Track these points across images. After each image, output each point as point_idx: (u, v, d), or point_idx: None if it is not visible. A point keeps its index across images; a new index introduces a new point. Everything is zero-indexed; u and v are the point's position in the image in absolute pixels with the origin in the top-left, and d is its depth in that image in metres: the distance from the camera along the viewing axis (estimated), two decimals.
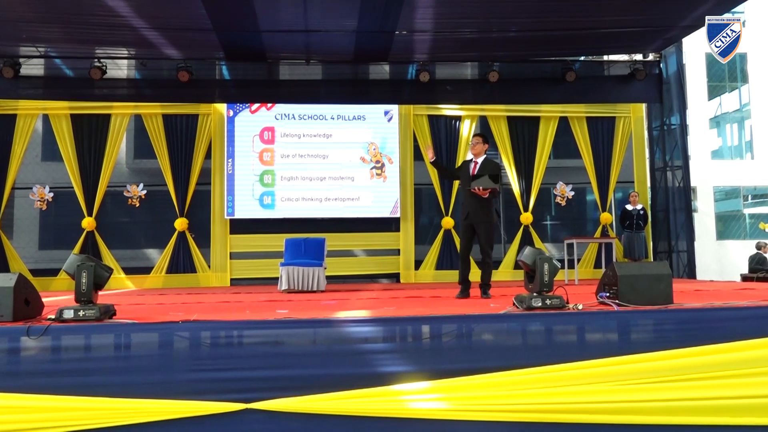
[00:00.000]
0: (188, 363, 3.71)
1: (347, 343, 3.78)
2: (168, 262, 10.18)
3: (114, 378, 3.54)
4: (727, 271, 15.44)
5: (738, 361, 3.83)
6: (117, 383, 3.51)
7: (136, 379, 3.58)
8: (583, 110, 10.96)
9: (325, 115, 10.52)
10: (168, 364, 3.68)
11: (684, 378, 3.79)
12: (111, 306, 4.00)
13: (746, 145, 19.69)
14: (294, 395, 3.59)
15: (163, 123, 10.33)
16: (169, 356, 3.75)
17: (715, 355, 3.83)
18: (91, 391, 3.44)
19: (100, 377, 3.53)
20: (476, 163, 6.08)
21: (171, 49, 9.42)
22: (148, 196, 10.40)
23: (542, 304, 4.13)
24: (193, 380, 3.63)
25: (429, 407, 3.66)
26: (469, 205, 6.04)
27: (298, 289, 7.60)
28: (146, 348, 3.76)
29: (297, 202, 10.35)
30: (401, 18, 8.35)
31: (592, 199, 11.19)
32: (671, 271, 10.16)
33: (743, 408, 3.74)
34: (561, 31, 8.85)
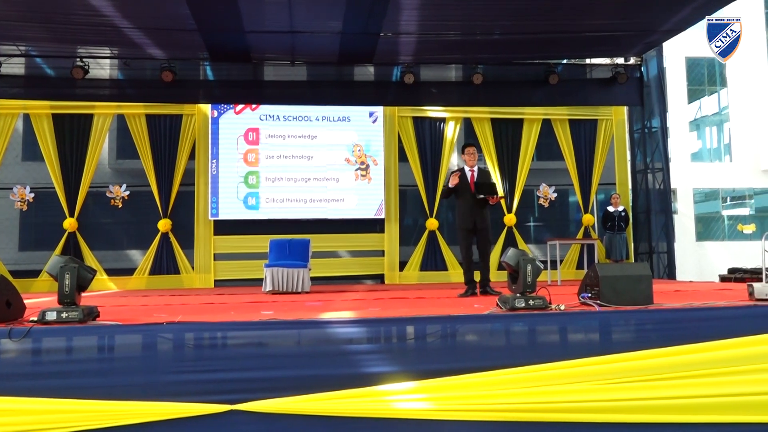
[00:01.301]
0: (173, 364, 3.70)
1: (332, 344, 3.80)
2: (151, 264, 10.10)
3: (98, 380, 3.52)
4: (706, 271, 15.67)
5: (715, 360, 3.91)
6: (101, 385, 3.49)
7: (120, 381, 3.56)
8: (566, 113, 11.08)
9: (310, 116, 10.52)
10: (153, 366, 3.66)
11: (663, 377, 3.86)
12: (94, 308, 3.98)
13: (725, 147, 20.00)
14: (279, 396, 3.59)
15: (146, 123, 10.26)
16: (153, 358, 3.73)
17: (693, 355, 3.91)
18: (74, 394, 3.42)
19: (84, 379, 3.51)
20: (472, 171, 6.35)
21: (155, 49, 9.36)
22: (131, 196, 10.31)
23: (525, 304, 4.18)
24: (178, 382, 3.62)
25: (414, 407, 3.68)
26: (475, 212, 6.31)
27: (282, 290, 7.59)
28: (130, 350, 3.74)
29: (282, 203, 10.33)
30: (386, 20, 8.38)
31: (575, 201, 11.31)
32: (652, 271, 10.33)
33: (721, 406, 3.82)
34: (544, 34, 8.94)
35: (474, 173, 6.33)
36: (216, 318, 4.17)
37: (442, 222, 10.85)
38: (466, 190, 6.29)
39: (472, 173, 6.32)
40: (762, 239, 7.81)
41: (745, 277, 10.29)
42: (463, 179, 6.30)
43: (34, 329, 3.55)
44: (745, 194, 19.57)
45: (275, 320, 3.94)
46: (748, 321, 4.09)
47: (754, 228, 18.98)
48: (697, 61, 19.39)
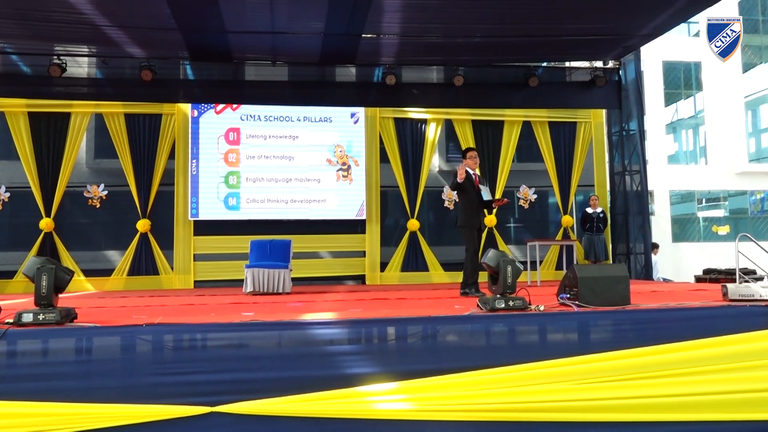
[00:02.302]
0: (152, 367, 3.67)
1: (313, 345, 3.80)
2: (129, 264, 9.98)
3: (76, 383, 3.49)
4: (682, 272, 15.95)
5: (690, 360, 3.98)
6: (79, 388, 3.46)
7: (98, 383, 3.52)
8: (546, 115, 11.19)
9: (291, 116, 10.48)
10: (131, 368, 3.63)
11: (640, 376, 3.92)
12: (72, 309, 3.93)
13: (700, 150, 20.38)
14: (259, 398, 3.58)
15: (125, 122, 10.14)
16: (132, 360, 3.70)
17: (668, 354, 3.98)
18: (51, 397, 3.38)
19: (61, 382, 3.47)
20: (476, 175, 6.56)
21: (134, 48, 9.25)
22: (110, 196, 10.18)
23: (505, 305, 4.22)
24: (157, 384, 3.59)
25: (395, 408, 3.69)
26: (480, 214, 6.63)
27: (263, 291, 7.55)
28: (109, 352, 3.71)
29: (262, 203, 10.28)
30: (368, 21, 8.39)
31: (554, 202, 11.42)
32: (629, 272, 10.47)
33: (695, 404, 3.88)
34: (524, 37, 9.02)
35: (477, 177, 6.55)
36: (196, 319, 4.15)
37: (423, 223, 10.89)
38: (472, 192, 6.45)
39: (475, 177, 6.50)
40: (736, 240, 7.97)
41: (719, 278, 10.47)
42: (469, 181, 6.45)
43: (10, 331, 3.50)
44: (719, 196, 19.95)
45: (255, 321, 3.93)
46: (722, 321, 4.18)
47: (728, 229, 19.36)
48: (674, 65, 19.73)
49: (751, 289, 4.61)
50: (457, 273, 10.69)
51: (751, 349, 4.09)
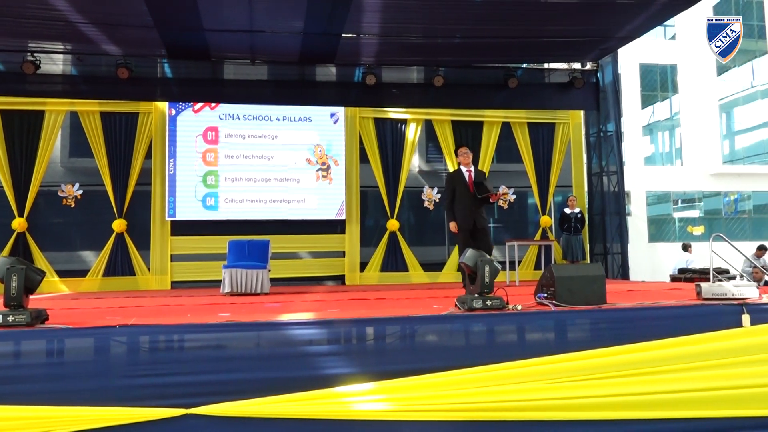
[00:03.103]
0: (125, 368, 3.61)
1: (290, 345, 3.77)
2: (105, 265, 9.82)
3: (47, 385, 3.42)
4: (658, 271, 16.15)
5: (664, 358, 4.03)
6: (50, 391, 3.39)
7: (70, 386, 3.46)
8: (525, 116, 11.27)
9: (271, 116, 10.41)
10: (104, 370, 3.57)
11: (616, 375, 3.96)
12: (43, 311, 3.85)
13: (676, 152, 20.69)
14: (236, 399, 3.54)
15: (100, 121, 9.97)
16: (105, 362, 3.63)
17: (644, 353, 4.02)
18: (22, 400, 3.31)
19: (32, 385, 3.40)
20: (470, 172, 6.39)
21: (110, 45, 9.12)
22: (85, 196, 10.02)
23: (483, 305, 4.23)
24: (131, 386, 3.54)
25: (373, 408, 3.68)
26: (475, 212, 6.31)
27: (241, 291, 7.49)
28: (81, 354, 3.64)
29: (241, 203, 10.20)
30: (348, 21, 8.38)
31: (533, 203, 11.51)
32: (606, 272, 10.58)
33: (670, 402, 3.93)
34: (503, 38, 9.08)
35: (471, 173, 6.36)
36: (171, 320, 4.09)
37: (402, 223, 10.89)
38: (464, 191, 6.30)
39: (469, 173, 6.36)
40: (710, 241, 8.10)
41: (694, 277, 10.63)
42: (460, 180, 6.34)
43: None
44: (694, 197, 20.27)
45: (231, 322, 3.88)
46: (696, 320, 4.23)
47: (703, 229, 19.69)
48: (651, 68, 20.02)
49: (723, 288, 4.68)
50: (436, 273, 10.79)
51: (723, 347, 4.15)
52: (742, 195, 20.46)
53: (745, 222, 20.28)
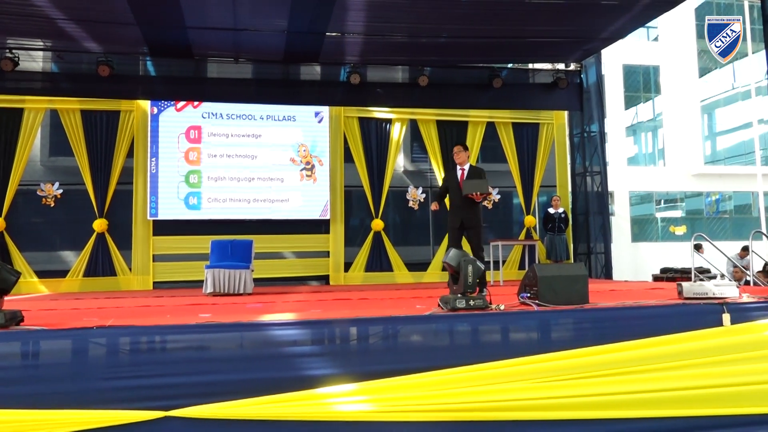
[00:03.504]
0: (103, 370, 3.55)
1: (271, 346, 3.73)
2: (86, 265, 9.68)
3: (22, 388, 3.35)
4: (641, 271, 16.30)
5: (646, 358, 4.04)
6: (25, 394, 3.32)
7: (46, 389, 3.40)
8: (509, 116, 11.30)
9: (254, 114, 10.34)
10: (81, 373, 3.51)
11: (598, 374, 3.96)
12: (18, 312, 3.77)
13: (659, 152, 20.89)
14: (215, 401, 3.50)
15: (81, 119, 9.84)
16: (82, 364, 3.57)
17: (625, 352, 4.03)
18: None
19: (6, 388, 3.33)
20: (463, 170, 6.35)
21: (91, 42, 8.99)
22: (65, 195, 9.87)
23: (466, 305, 4.22)
24: (109, 388, 3.49)
25: (355, 409, 3.65)
26: (462, 211, 6.24)
27: (224, 292, 7.42)
28: (57, 356, 3.57)
29: (224, 203, 10.11)
30: (332, 20, 8.34)
31: (518, 203, 11.54)
32: (589, 271, 10.64)
33: (652, 401, 3.95)
34: (488, 38, 9.08)
35: (464, 171, 6.34)
36: (150, 321, 4.03)
37: (387, 223, 10.87)
38: (456, 189, 6.31)
39: (462, 172, 6.34)
40: (691, 241, 8.19)
41: (675, 277, 10.76)
42: (453, 178, 6.35)
43: None
44: (677, 197, 20.48)
45: (211, 323, 3.83)
46: (677, 319, 4.26)
47: (685, 229, 19.90)
48: (634, 69, 20.18)
49: (704, 288, 4.72)
50: (421, 273, 10.78)
51: (703, 347, 4.18)
52: (724, 195, 20.71)
53: (726, 222, 20.53)
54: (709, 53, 20.92)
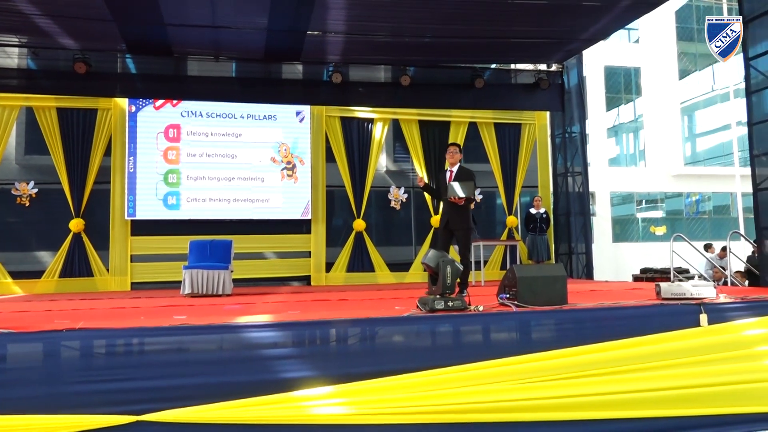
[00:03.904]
0: (72, 374, 3.48)
1: (246, 348, 3.67)
2: (62, 266, 9.50)
3: None
4: (622, 271, 16.41)
5: (624, 358, 4.04)
6: None
7: (13, 393, 3.32)
8: (491, 116, 11.31)
9: (234, 113, 10.22)
10: (50, 377, 3.43)
11: (578, 375, 3.96)
12: None
13: (640, 153, 21.07)
14: (189, 405, 3.44)
15: (57, 117, 9.66)
16: (51, 368, 3.49)
17: (604, 353, 4.03)
18: None
19: None
20: (452, 172, 6.35)
21: (67, 39, 8.82)
22: (40, 194, 9.68)
23: (444, 306, 4.19)
24: (78, 393, 3.42)
25: (332, 412, 3.60)
26: (448, 212, 6.24)
27: (202, 293, 7.31)
28: (25, 359, 3.48)
29: (204, 202, 9.99)
30: (313, 18, 8.26)
31: (500, 203, 11.55)
32: (570, 272, 10.67)
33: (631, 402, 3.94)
34: (470, 38, 9.07)
35: (452, 173, 6.34)
36: (123, 324, 3.94)
37: (369, 223, 10.81)
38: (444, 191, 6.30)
39: (450, 173, 6.35)
40: (671, 241, 8.24)
41: (655, 277, 10.84)
42: (443, 178, 6.36)
43: None
44: (657, 198, 20.68)
45: (184, 325, 3.76)
46: (655, 319, 4.27)
47: (665, 230, 20.10)
48: (615, 70, 20.34)
49: (682, 288, 4.74)
50: (403, 273, 10.75)
51: (681, 347, 4.19)
52: (703, 196, 20.95)
53: (705, 222, 20.78)
54: (689, 55, 21.19)
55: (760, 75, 6.44)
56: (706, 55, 21.29)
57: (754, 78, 6.52)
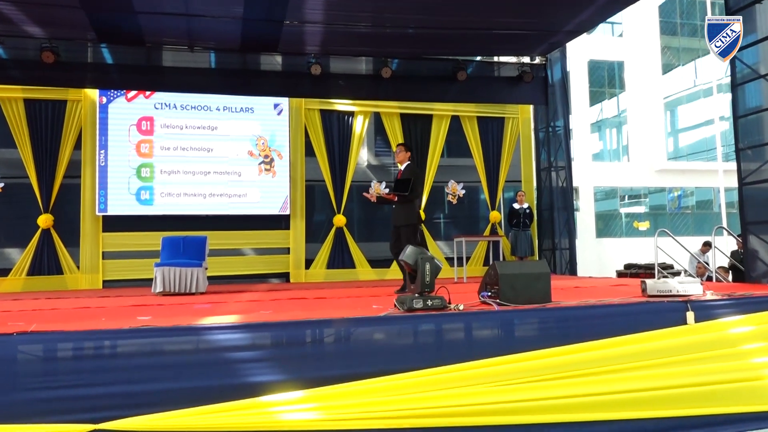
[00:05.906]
0: (22, 380, 3.26)
1: (211, 351, 3.47)
2: (29, 263, 9.16)
3: None
4: (605, 266, 16.39)
5: (610, 357, 3.92)
6: None
7: None
8: (474, 110, 11.14)
9: (210, 105, 9.93)
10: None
11: (562, 376, 3.84)
12: None
13: (623, 148, 21.08)
14: (150, 412, 3.26)
15: (24, 108, 9.30)
16: (1, 374, 3.24)
17: (588, 353, 3.91)
18: None
19: None
20: (400, 171, 6.44)
21: (33, 27, 8.48)
22: (7, 189, 9.31)
23: (423, 305, 4.01)
24: (31, 400, 3.22)
25: (302, 418, 3.44)
26: (393, 209, 6.37)
27: (174, 291, 7.06)
28: None
29: (178, 197, 9.69)
30: (290, 7, 8.02)
31: (483, 198, 11.40)
32: (554, 267, 10.55)
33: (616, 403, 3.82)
34: (453, 29, 8.90)
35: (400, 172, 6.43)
36: (82, 325, 3.70)
37: (350, 219, 10.59)
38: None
39: (399, 172, 6.43)
40: (655, 236, 8.13)
41: (639, 273, 10.75)
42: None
43: None
44: (640, 193, 20.72)
45: (145, 327, 3.52)
46: (640, 317, 4.16)
47: (648, 225, 20.15)
48: (599, 64, 20.30)
49: (668, 285, 4.61)
50: (384, 269, 10.54)
51: (668, 346, 4.07)
52: (686, 191, 21.03)
53: (688, 218, 20.86)
54: (672, 50, 21.23)
55: (746, 68, 6.33)
56: (689, 50, 21.36)
57: (739, 71, 6.42)
